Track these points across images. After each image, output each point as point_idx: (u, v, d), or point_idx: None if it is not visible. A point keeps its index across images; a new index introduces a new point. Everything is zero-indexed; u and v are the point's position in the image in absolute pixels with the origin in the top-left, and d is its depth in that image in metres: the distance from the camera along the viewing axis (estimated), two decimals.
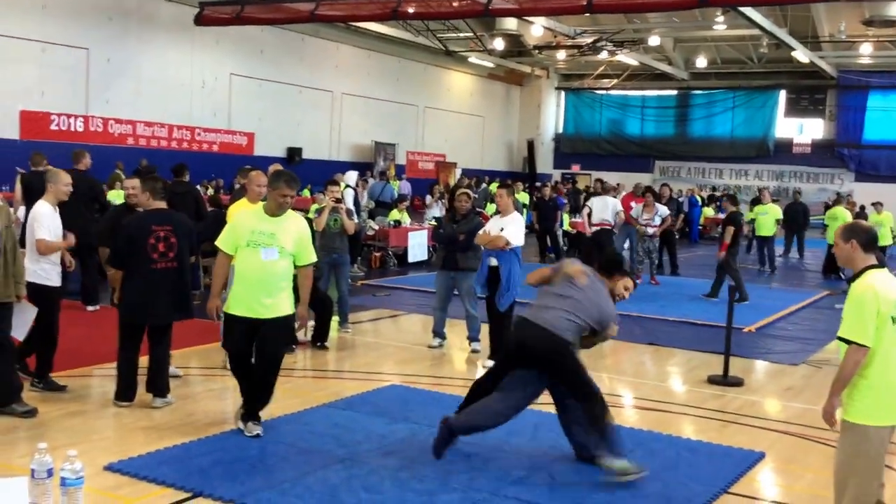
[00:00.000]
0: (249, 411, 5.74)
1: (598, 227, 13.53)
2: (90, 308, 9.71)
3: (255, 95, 21.87)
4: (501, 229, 7.89)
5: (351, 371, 7.95)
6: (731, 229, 12.49)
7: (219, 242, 5.74)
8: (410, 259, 15.43)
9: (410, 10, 16.96)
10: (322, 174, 17.48)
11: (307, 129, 23.47)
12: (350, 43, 24.64)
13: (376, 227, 16.11)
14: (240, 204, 7.30)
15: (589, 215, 13.86)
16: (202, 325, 8.51)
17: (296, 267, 5.72)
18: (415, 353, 8.69)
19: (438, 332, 8.83)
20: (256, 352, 5.70)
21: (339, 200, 9.37)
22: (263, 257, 5.54)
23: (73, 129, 17.41)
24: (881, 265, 4.15)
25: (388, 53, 26.11)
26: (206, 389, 7.01)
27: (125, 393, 6.30)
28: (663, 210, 14.27)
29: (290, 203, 5.67)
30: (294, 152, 22.55)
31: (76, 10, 17.42)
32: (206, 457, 5.27)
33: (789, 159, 30.66)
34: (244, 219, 5.75)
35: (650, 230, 13.94)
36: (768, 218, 17.08)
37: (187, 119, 20.00)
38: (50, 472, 2.70)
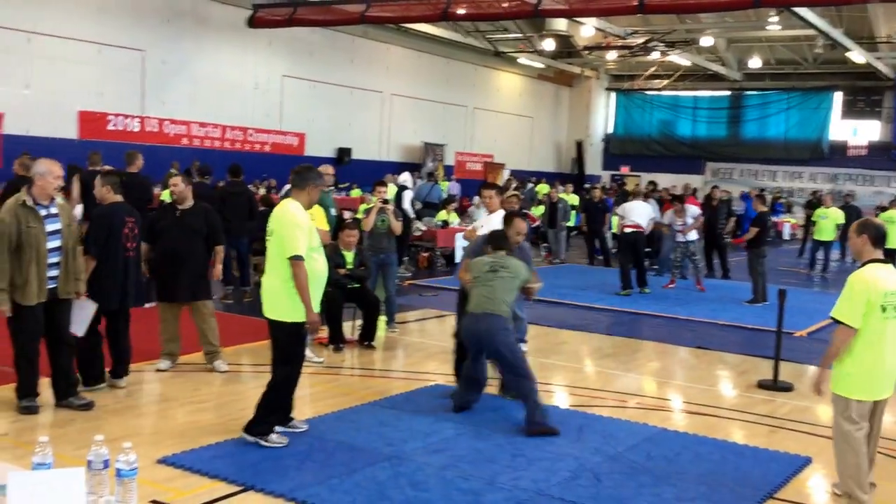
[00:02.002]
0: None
1: (632, 229, 13.35)
2: (147, 305, 9.93)
3: (306, 96, 22.13)
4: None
5: (397, 370, 8.03)
6: (754, 229, 12.35)
7: (303, 251, 5.39)
8: (458, 260, 15.47)
9: (460, 12, 17.02)
10: (371, 174, 17.65)
11: (357, 129, 23.66)
12: (400, 44, 24.78)
13: (423, 228, 16.18)
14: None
15: (621, 219, 13.74)
16: (253, 323, 8.65)
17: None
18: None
19: None
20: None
21: (386, 201, 9.45)
22: (320, 255, 5.65)
23: (129, 129, 17.80)
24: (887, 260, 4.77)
25: (437, 54, 26.19)
26: (256, 386, 7.11)
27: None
28: (693, 210, 14.04)
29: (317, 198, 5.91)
30: (344, 152, 22.76)
31: (133, 12, 17.81)
32: (256, 452, 5.37)
33: (844, 161, 30.01)
34: (305, 220, 5.52)
35: (681, 236, 13.69)
36: (828, 222, 16.78)
37: (240, 120, 20.32)
38: (106, 464, 2.80)
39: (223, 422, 6.05)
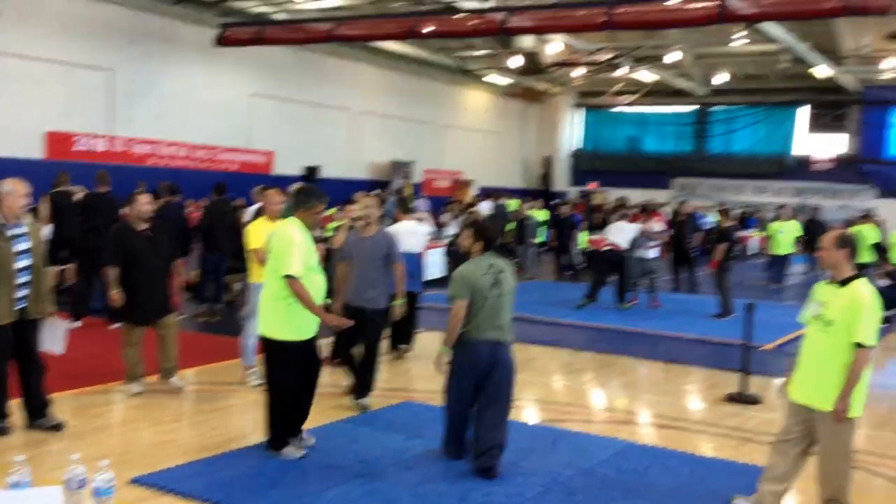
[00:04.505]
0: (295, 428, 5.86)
1: (609, 247, 13.48)
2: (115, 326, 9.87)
3: (274, 115, 22.09)
4: None
5: None
6: (722, 245, 12.53)
7: (295, 270, 5.40)
8: (427, 276, 15.50)
9: (427, 30, 17.12)
10: (340, 192, 17.63)
11: (325, 147, 23.65)
12: (368, 62, 24.85)
13: None
14: (259, 223, 7.45)
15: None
16: (222, 342, 8.63)
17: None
18: (430, 370, 8.75)
19: None
20: (314, 366, 5.79)
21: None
22: (318, 274, 5.69)
23: (96, 149, 17.65)
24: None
25: (405, 72, 26.30)
26: (227, 405, 7.12)
27: None
28: (655, 227, 14.17)
29: (320, 219, 5.94)
30: (312, 171, 22.75)
31: (100, 32, 17.69)
32: (228, 471, 5.37)
33: (810, 176, 30.45)
34: (302, 240, 5.54)
35: (644, 252, 13.75)
36: (785, 236, 17.00)
37: (208, 139, 20.22)
38: (82, 483, 2.81)
39: (194, 441, 6.03)
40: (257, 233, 7.25)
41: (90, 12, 17.39)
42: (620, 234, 13.53)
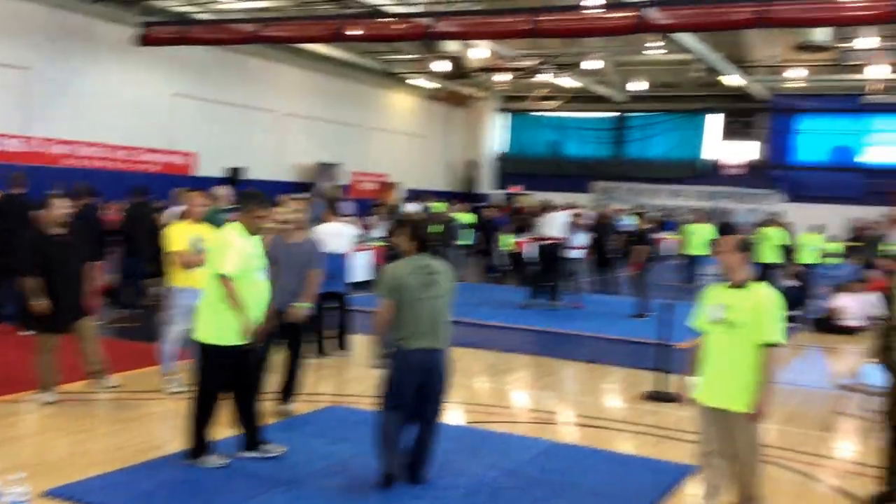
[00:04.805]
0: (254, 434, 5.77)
1: (551, 242, 13.64)
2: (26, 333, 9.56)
3: (196, 115, 21.69)
4: None
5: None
6: (641, 247, 12.88)
7: (228, 269, 5.42)
8: (353, 278, 15.42)
9: (353, 32, 17.07)
10: (265, 194, 17.41)
11: (249, 149, 23.35)
12: (293, 64, 24.64)
13: None
14: (180, 225, 7.33)
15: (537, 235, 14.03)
16: (140, 348, 8.45)
17: None
18: (356, 373, 8.76)
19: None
20: (250, 371, 5.73)
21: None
22: (260, 279, 5.65)
23: (12, 149, 17.06)
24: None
25: (331, 74, 26.17)
26: (146, 413, 6.98)
27: None
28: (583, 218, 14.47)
29: (264, 224, 5.78)
30: (236, 172, 22.43)
31: (18, 29, 17.10)
32: (148, 481, 5.26)
33: (722, 180, 31.48)
34: (240, 242, 5.54)
35: (568, 252, 13.98)
36: (697, 237, 17.53)
37: (129, 139, 19.74)
38: None
39: (111, 451, 5.89)
40: (177, 235, 7.14)
41: (4, 9, 16.79)
42: (554, 224, 13.72)
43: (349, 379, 8.66)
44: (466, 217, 19.84)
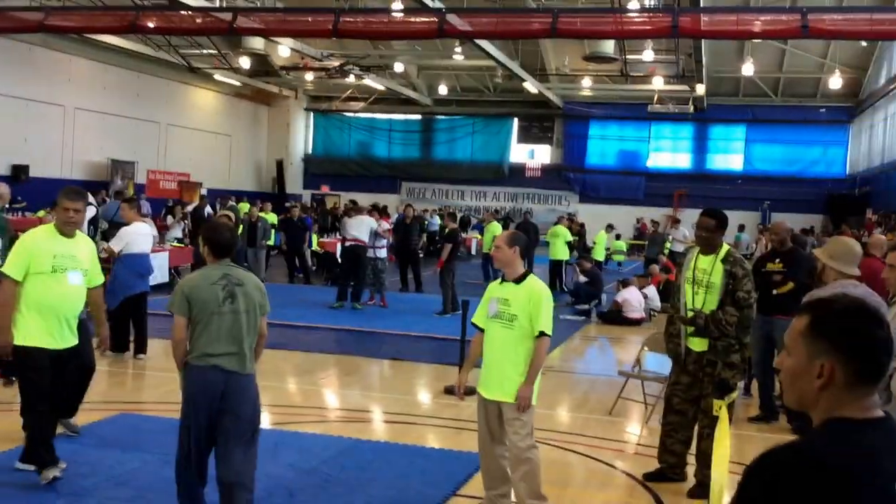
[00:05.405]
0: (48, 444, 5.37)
1: (353, 243, 13.70)
2: None
3: None
4: None
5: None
6: (448, 246, 13.30)
7: (8, 269, 5.12)
8: (150, 282, 14.77)
9: (150, 25, 16.37)
10: (52, 193, 16.33)
11: (35, 145, 21.81)
12: (84, 55, 23.25)
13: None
14: None
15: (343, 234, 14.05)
16: None
17: (89, 288, 5.44)
18: (150, 380, 8.42)
19: None
20: (70, 372, 5.43)
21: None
22: (71, 281, 5.24)
23: None
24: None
25: (126, 68, 24.92)
26: None
27: None
28: (385, 225, 14.74)
29: (79, 219, 5.34)
30: (20, 170, 20.87)
31: None
32: None
33: (523, 182, 32.92)
34: (41, 241, 5.23)
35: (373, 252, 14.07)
36: (488, 235, 18.23)
37: None
38: None
39: None
40: None
41: None
42: (361, 227, 13.77)
43: (140, 386, 8.31)
44: (271, 217, 19.52)
